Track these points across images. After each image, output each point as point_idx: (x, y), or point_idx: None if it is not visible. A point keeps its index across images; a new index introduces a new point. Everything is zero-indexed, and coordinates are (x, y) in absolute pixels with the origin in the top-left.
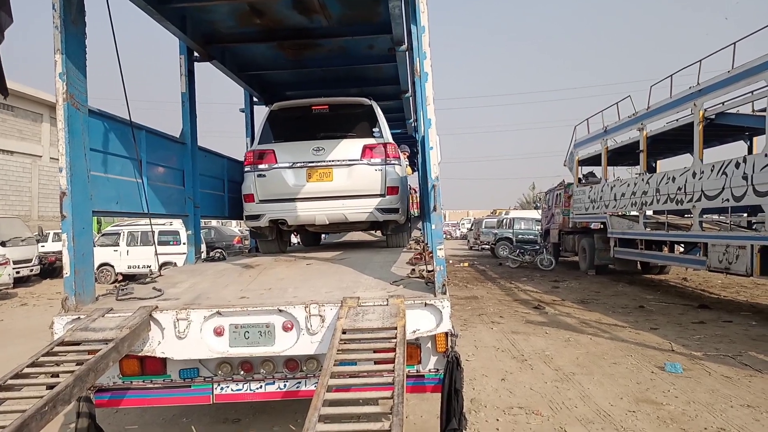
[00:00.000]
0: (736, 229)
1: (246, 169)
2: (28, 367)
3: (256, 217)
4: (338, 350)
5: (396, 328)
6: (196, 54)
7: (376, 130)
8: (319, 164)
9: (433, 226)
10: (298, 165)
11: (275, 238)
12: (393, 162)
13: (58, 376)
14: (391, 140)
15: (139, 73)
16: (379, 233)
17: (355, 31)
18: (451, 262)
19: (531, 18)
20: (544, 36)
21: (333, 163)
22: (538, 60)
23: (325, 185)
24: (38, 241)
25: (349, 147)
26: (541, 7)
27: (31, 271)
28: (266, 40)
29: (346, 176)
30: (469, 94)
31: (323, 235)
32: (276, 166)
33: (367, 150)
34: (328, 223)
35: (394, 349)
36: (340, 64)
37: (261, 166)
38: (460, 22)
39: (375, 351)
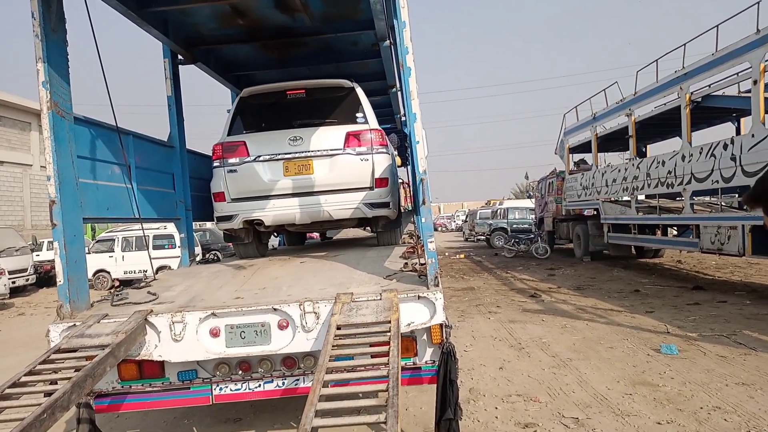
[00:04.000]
0: (727, 210)
1: (214, 165)
2: (25, 375)
3: (228, 218)
4: (333, 346)
5: (390, 322)
6: (180, 57)
7: (360, 115)
8: (296, 156)
9: (423, 220)
10: (274, 157)
11: (252, 240)
12: (381, 150)
13: (56, 383)
14: (377, 126)
15: (124, 77)
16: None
17: (338, 28)
18: (447, 254)
19: (517, 6)
20: (530, 24)
21: (313, 153)
22: (525, 49)
23: (305, 179)
24: (33, 251)
25: (331, 135)
26: None
27: (27, 280)
28: (250, 41)
29: (328, 168)
30: (458, 86)
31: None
32: (248, 159)
33: (350, 138)
34: (309, 222)
35: (388, 343)
36: (326, 62)
37: (231, 161)
38: (447, 11)
39: (371, 345)
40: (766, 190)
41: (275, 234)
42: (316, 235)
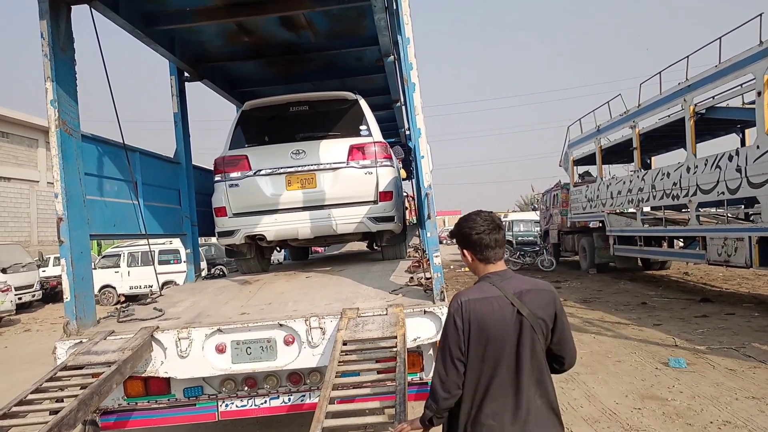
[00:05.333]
0: (733, 222)
1: (216, 179)
2: (31, 393)
3: (230, 234)
4: (339, 362)
5: (396, 338)
6: (186, 74)
7: (363, 127)
8: (299, 169)
9: (429, 234)
10: (276, 171)
11: (254, 255)
12: (385, 163)
13: (62, 401)
14: (381, 139)
15: (131, 94)
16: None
17: (343, 45)
18: (452, 267)
19: (524, 18)
20: (531, 38)
21: (316, 167)
22: (528, 62)
23: (308, 193)
24: (39, 266)
25: (334, 148)
26: (537, 3)
27: (33, 296)
28: (256, 58)
29: (331, 182)
30: (463, 98)
31: (322, 248)
32: (250, 173)
33: (354, 150)
34: (312, 236)
35: (395, 359)
36: (331, 77)
37: (233, 175)
38: (455, 22)
39: (377, 361)
40: (457, 231)
41: (278, 248)
42: (321, 249)
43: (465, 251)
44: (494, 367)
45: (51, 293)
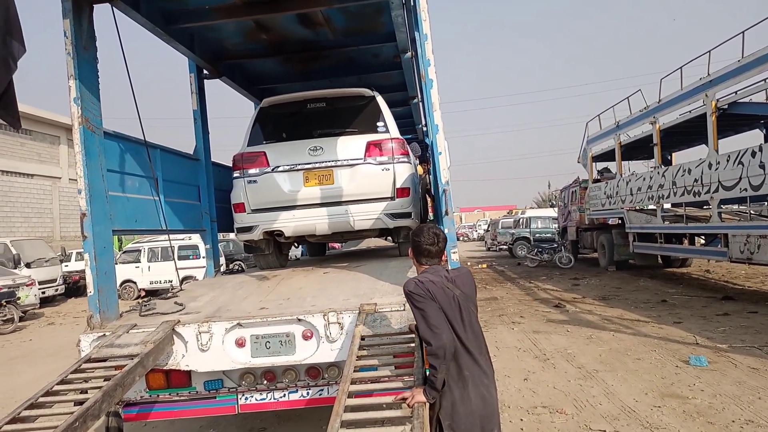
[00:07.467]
0: (756, 219)
1: (234, 176)
2: (57, 384)
3: (249, 229)
4: (357, 356)
5: (413, 332)
6: (205, 71)
7: (380, 124)
8: (317, 166)
9: (446, 230)
10: (294, 168)
11: (272, 251)
12: (402, 160)
13: (86, 393)
14: (398, 135)
15: (152, 92)
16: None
17: (360, 41)
18: (469, 263)
19: (540, 15)
20: (552, 33)
21: (333, 163)
22: (546, 58)
23: (326, 189)
24: (62, 261)
25: (351, 145)
26: (549, 3)
27: (56, 290)
28: (274, 55)
29: (348, 178)
30: (481, 94)
31: (340, 244)
32: (268, 170)
33: (371, 147)
34: (330, 232)
35: (412, 353)
36: (348, 74)
37: (251, 171)
38: (471, 20)
39: (394, 356)
40: (411, 236)
41: (296, 244)
42: (338, 245)
43: (410, 250)
44: (454, 329)
45: (73, 287)
